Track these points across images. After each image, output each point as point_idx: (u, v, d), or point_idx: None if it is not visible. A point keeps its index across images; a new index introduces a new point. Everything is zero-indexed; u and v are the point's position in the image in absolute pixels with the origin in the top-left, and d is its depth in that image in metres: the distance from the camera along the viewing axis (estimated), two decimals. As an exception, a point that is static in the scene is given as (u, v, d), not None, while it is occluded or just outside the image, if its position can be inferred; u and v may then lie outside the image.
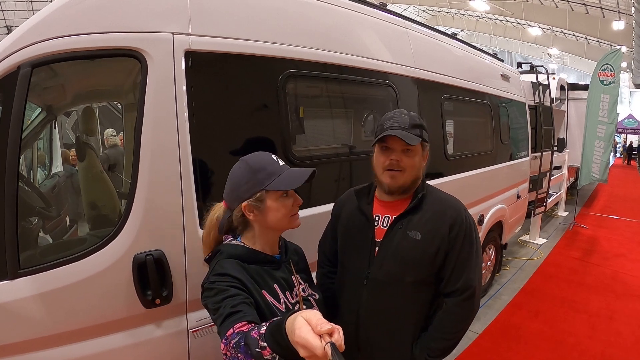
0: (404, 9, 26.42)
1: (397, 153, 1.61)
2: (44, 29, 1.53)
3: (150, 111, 1.66)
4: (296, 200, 1.48)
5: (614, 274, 5.61)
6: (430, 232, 1.62)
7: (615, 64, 7.51)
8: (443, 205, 1.69)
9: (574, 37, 26.39)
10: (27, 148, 3.32)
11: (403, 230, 1.65)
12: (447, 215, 1.65)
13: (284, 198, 1.44)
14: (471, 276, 1.65)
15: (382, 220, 1.72)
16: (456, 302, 1.65)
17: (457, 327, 1.68)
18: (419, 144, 1.62)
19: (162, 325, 1.75)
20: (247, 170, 1.43)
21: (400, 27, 3.02)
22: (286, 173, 1.42)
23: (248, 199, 1.41)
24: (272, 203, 1.42)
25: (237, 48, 1.92)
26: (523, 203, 5.49)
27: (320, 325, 0.91)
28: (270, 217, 1.43)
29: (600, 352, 3.71)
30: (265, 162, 1.44)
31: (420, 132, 1.62)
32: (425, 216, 1.65)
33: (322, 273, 1.96)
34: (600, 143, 7.67)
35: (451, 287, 1.66)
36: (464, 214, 1.68)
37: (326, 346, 0.88)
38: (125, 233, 1.63)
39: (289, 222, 1.47)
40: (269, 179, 1.40)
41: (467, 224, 1.66)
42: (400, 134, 1.56)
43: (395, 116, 1.63)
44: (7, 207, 1.47)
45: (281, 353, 1.00)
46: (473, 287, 1.64)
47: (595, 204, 10.92)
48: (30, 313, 1.50)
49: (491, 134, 4.36)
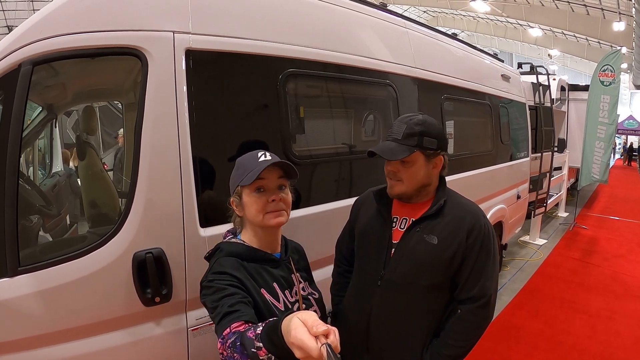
0: (405, 10, 26.44)
1: (394, 164, 1.60)
2: (45, 27, 1.53)
3: (151, 109, 1.66)
4: (274, 195, 1.43)
5: (614, 275, 5.62)
6: (448, 237, 1.60)
7: (615, 64, 7.52)
8: (462, 211, 1.65)
9: (574, 38, 26.39)
10: (28, 147, 3.32)
11: (420, 234, 1.62)
12: (465, 221, 1.61)
13: (258, 193, 1.42)
14: (487, 284, 1.61)
15: (400, 221, 1.70)
16: (470, 309, 1.62)
17: (470, 335, 1.64)
18: (418, 153, 1.57)
19: (162, 324, 1.75)
20: (235, 166, 1.48)
21: (400, 27, 3.03)
22: (258, 168, 1.38)
23: (233, 194, 1.48)
24: (246, 198, 1.44)
25: (237, 47, 1.92)
26: (523, 203, 5.49)
27: (316, 326, 0.91)
28: (247, 212, 1.45)
29: (599, 352, 3.71)
30: (247, 159, 1.45)
31: (419, 140, 1.56)
32: (443, 221, 1.62)
33: (338, 272, 1.96)
34: (600, 144, 7.67)
35: (466, 293, 1.62)
36: (483, 221, 1.65)
37: (322, 347, 0.87)
38: (125, 231, 1.63)
39: (262, 219, 1.42)
40: (244, 175, 1.40)
41: (486, 230, 1.63)
42: (383, 150, 1.56)
43: (395, 125, 1.61)
44: (7, 204, 1.47)
45: (277, 354, 1.00)
46: (489, 294, 1.61)
47: (596, 205, 10.92)
48: (30, 310, 1.50)
49: (491, 134, 4.36)
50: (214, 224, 1.82)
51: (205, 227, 1.80)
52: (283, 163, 1.42)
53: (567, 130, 9.36)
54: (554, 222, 8.60)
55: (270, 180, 1.42)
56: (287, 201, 1.47)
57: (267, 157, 1.42)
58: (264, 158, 1.42)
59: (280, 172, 1.44)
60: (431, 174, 1.64)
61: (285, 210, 1.47)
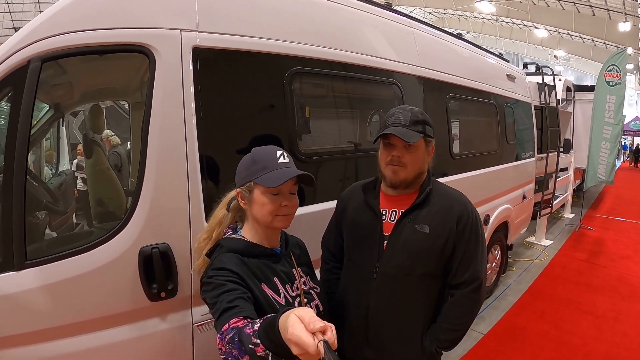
0: (410, 11, 26.41)
1: (399, 149, 1.63)
2: (53, 24, 1.54)
3: (158, 106, 1.67)
4: (287, 201, 1.43)
5: (620, 276, 5.58)
6: (439, 225, 1.65)
7: (621, 64, 7.48)
8: (449, 199, 1.72)
9: (580, 38, 26.27)
10: (36, 145, 3.34)
11: (411, 224, 1.67)
12: (454, 209, 1.68)
13: (273, 195, 1.41)
14: (478, 268, 1.68)
15: (389, 214, 1.74)
16: (464, 294, 1.68)
17: (465, 318, 1.71)
18: (422, 140, 1.63)
19: (167, 319, 1.76)
20: (250, 159, 1.46)
21: (406, 27, 3.03)
22: (279, 171, 1.38)
23: (242, 186, 1.46)
24: (258, 196, 1.42)
25: (244, 45, 1.93)
26: (529, 204, 5.47)
27: (313, 323, 0.91)
28: (255, 209, 1.44)
29: (605, 353, 3.69)
30: (265, 156, 1.44)
31: (423, 127, 1.63)
32: (432, 210, 1.68)
33: (326, 269, 1.96)
34: (606, 144, 7.62)
35: (458, 279, 1.69)
36: (470, 208, 1.71)
37: (319, 344, 0.88)
38: (132, 226, 1.64)
39: (271, 220, 1.42)
40: (260, 173, 1.39)
41: (473, 217, 1.70)
42: (399, 132, 1.58)
43: (397, 112, 1.65)
44: (15, 199, 1.49)
45: (274, 350, 1.00)
46: (480, 278, 1.68)
47: (602, 206, 10.86)
48: (36, 304, 1.51)
49: (497, 133, 4.34)
50: (220, 220, 1.82)
51: (211, 223, 1.81)
52: (305, 175, 1.41)
53: (573, 131, 9.32)
54: (560, 223, 8.56)
55: (286, 185, 1.41)
56: (295, 206, 1.49)
57: (286, 159, 1.44)
58: (282, 160, 1.43)
59: (295, 179, 1.44)
60: (426, 161, 1.71)
61: (293, 214, 1.49)
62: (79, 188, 4.77)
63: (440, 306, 1.75)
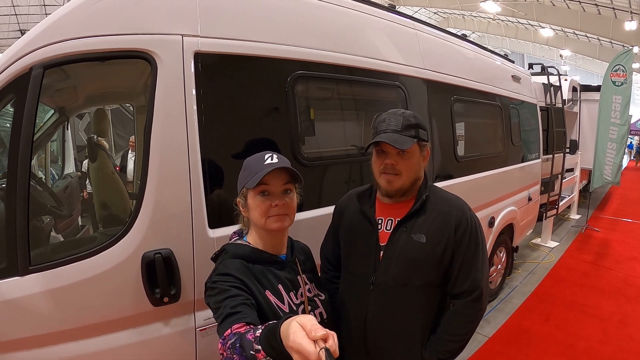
0: (415, 12, 26.37)
1: (393, 156, 1.57)
2: (55, 31, 1.55)
3: (160, 112, 1.68)
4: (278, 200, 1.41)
5: (626, 278, 5.53)
6: (436, 234, 1.60)
7: (627, 64, 7.41)
8: (447, 205, 1.66)
9: (586, 38, 26.11)
10: (40, 149, 3.36)
11: (407, 234, 1.62)
12: (452, 215, 1.62)
13: (262, 197, 1.41)
14: (478, 276, 1.62)
15: (385, 223, 1.69)
16: (464, 304, 1.63)
17: (466, 329, 1.65)
18: (415, 145, 1.58)
19: (170, 324, 1.77)
20: (242, 168, 1.48)
21: (409, 29, 3.02)
22: (262, 171, 1.37)
23: (239, 195, 1.48)
24: (250, 200, 1.44)
25: (245, 49, 1.93)
26: (534, 205, 5.43)
27: (314, 330, 0.90)
28: (251, 214, 1.45)
29: (611, 356, 3.66)
30: (254, 161, 1.44)
31: (416, 131, 1.58)
32: (429, 218, 1.62)
33: (325, 278, 1.91)
34: (612, 145, 7.57)
35: (459, 288, 1.64)
36: (469, 214, 1.65)
37: (320, 352, 0.87)
38: (135, 231, 1.65)
39: (264, 222, 1.42)
40: (249, 177, 1.40)
41: (472, 223, 1.64)
42: (391, 139, 1.52)
43: (388, 117, 1.59)
44: (19, 204, 1.50)
45: (275, 357, 1.00)
46: (481, 287, 1.62)
47: (608, 206, 10.78)
48: (40, 309, 1.52)
49: (502, 135, 4.32)
50: (222, 225, 1.83)
51: (214, 228, 1.81)
52: (287, 168, 1.41)
53: (579, 132, 9.25)
54: (566, 225, 8.50)
55: (274, 185, 1.41)
56: (291, 206, 1.46)
57: (274, 160, 1.41)
58: (270, 161, 1.41)
59: (286, 177, 1.43)
60: (422, 166, 1.66)
61: (288, 215, 1.45)
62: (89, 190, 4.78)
63: (440, 316, 1.69)
